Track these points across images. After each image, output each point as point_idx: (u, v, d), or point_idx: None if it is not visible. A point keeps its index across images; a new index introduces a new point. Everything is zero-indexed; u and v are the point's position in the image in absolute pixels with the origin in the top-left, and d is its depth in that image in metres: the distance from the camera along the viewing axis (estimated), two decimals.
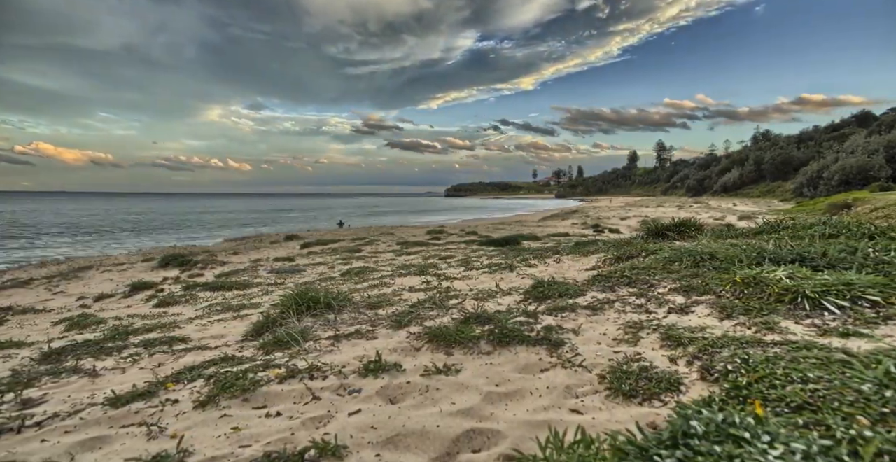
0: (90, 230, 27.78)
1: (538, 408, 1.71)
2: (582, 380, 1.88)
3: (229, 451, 1.64)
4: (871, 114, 58.25)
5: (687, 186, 72.57)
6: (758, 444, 0.93)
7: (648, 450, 0.97)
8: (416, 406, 1.87)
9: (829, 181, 32.54)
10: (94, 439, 1.83)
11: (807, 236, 3.24)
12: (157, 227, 30.39)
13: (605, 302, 2.71)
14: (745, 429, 0.98)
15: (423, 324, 2.98)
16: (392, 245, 13.51)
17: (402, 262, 8.83)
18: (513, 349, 2.30)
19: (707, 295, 2.49)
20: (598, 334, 2.30)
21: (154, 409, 2.08)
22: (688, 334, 2.03)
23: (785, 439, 0.95)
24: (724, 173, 61.88)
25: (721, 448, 0.93)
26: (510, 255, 7.38)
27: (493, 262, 6.53)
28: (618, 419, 1.52)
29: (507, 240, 11.47)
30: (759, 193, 49.87)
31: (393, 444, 1.58)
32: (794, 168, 47.92)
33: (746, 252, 2.75)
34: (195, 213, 51.19)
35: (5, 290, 9.78)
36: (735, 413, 1.05)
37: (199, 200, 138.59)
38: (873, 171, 30.58)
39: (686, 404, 1.28)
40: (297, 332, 3.06)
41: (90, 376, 2.75)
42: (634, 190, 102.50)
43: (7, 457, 1.72)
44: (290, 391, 2.13)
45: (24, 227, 30.14)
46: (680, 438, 0.97)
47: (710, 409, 1.14)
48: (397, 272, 6.62)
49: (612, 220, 23.41)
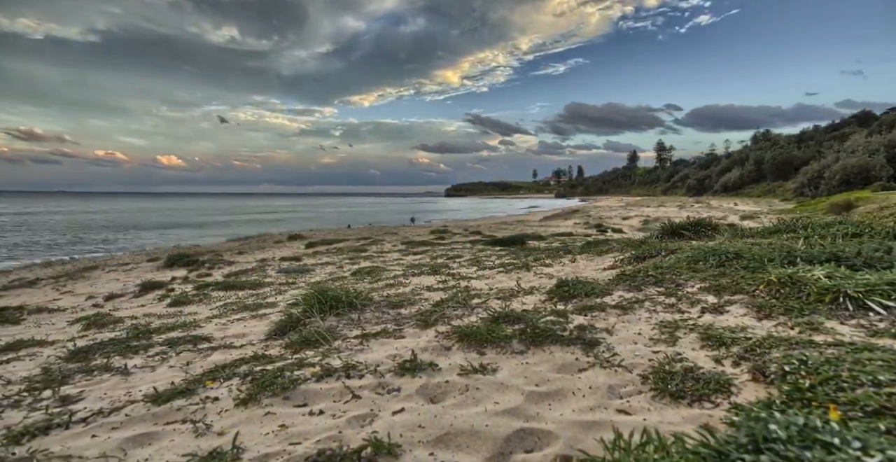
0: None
1: (584, 408, 1.72)
2: (624, 380, 1.88)
3: (280, 448, 1.66)
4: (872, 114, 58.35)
5: (687, 186, 72.64)
6: (849, 451, 0.90)
7: (729, 454, 0.95)
8: (458, 405, 1.88)
9: (830, 181, 32.58)
10: (142, 435, 1.85)
11: (828, 235, 3.25)
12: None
13: (634, 301, 2.72)
14: (831, 434, 0.95)
15: (450, 323, 3.00)
16: (397, 245, 13.51)
17: (409, 261, 8.84)
18: (547, 348, 2.32)
19: (739, 294, 2.49)
20: (632, 334, 2.31)
21: (195, 406, 2.10)
22: (728, 334, 2.03)
23: (879, 446, 0.92)
24: (724, 173, 61.94)
25: (811, 454, 0.90)
26: (521, 254, 7.40)
27: (505, 261, 6.55)
28: (669, 420, 1.52)
29: (512, 239, 11.46)
30: (760, 193, 49.93)
31: (444, 444, 1.59)
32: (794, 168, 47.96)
33: (774, 251, 2.77)
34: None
35: (13, 290, 9.79)
36: (816, 417, 1.03)
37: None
38: (874, 171, 30.62)
39: (744, 406, 1.29)
40: (324, 330, 3.07)
41: (122, 374, 2.77)
42: (635, 190, 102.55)
43: (63, 451, 1.74)
44: (328, 389, 2.15)
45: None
46: (762, 443, 0.95)
47: (771, 411, 1.13)
48: (409, 271, 6.64)
49: (613, 220, 23.42)
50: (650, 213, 29.34)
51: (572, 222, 23.00)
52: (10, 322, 5.15)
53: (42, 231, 26.58)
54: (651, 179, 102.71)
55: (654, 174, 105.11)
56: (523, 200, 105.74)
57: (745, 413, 1.13)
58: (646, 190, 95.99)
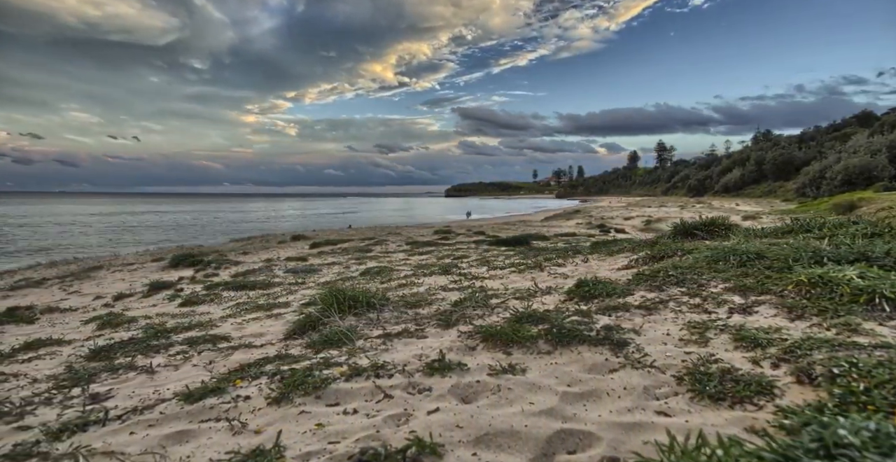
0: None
1: (621, 409, 1.72)
2: (658, 381, 1.88)
3: (320, 446, 1.67)
4: (873, 114, 58.36)
5: (688, 187, 72.63)
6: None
7: (798, 460, 0.93)
8: (492, 405, 1.88)
9: (832, 181, 32.59)
10: (179, 433, 1.87)
11: (846, 235, 3.26)
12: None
13: (658, 302, 2.73)
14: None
15: (472, 323, 3.01)
16: (402, 245, 13.52)
17: (416, 261, 8.85)
18: (574, 349, 2.32)
19: (766, 295, 2.50)
20: (660, 334, 2.31)
21: (227, 404, 2.12)
22: (763, 335, 2.03)
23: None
24: (725, 173, 61.92)
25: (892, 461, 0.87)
26: (530, 254, 7.41)
27: (514, 261, 6.56)
28: (712, 423, 1.51)
29: (517, 239, 11.47)
30: (761, 193, 49.92)
31: (484, 444, 1.59)
32: (795, 168, 47.98)
33: (799, 251, 2.77)
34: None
35: (20, 290, 9.80)
36: (891, 424, 0.99)
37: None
38: (876, 172, 30.64)
39: (794, 410, 1.27)
40: (345, 330, 3.09)
41: (147, 373, 2.78)
42: (635, 190, 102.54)
43: (104, 447, 1.76)
44: (359, 389, 2.16)
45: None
46: (833, 448, 0.93)
47: (822, 415, 1.10)
48: (419, 272, 6.65)
49: (615, 221, 23.45)
50: (652, 213, 29.36)
51: (574, 223, 23.03)
52: (25, 321, 5.16)
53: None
54: (651, 180, 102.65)
55: (655, 174, 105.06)
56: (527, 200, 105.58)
57: (796, 416, 1.12)
58: (646, 190, 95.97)
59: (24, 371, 3.07)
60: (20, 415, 2.19)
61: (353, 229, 24.63)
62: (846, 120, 61.60)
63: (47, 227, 29.32)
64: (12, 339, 4.22)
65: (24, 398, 2.42)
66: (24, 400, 2.39)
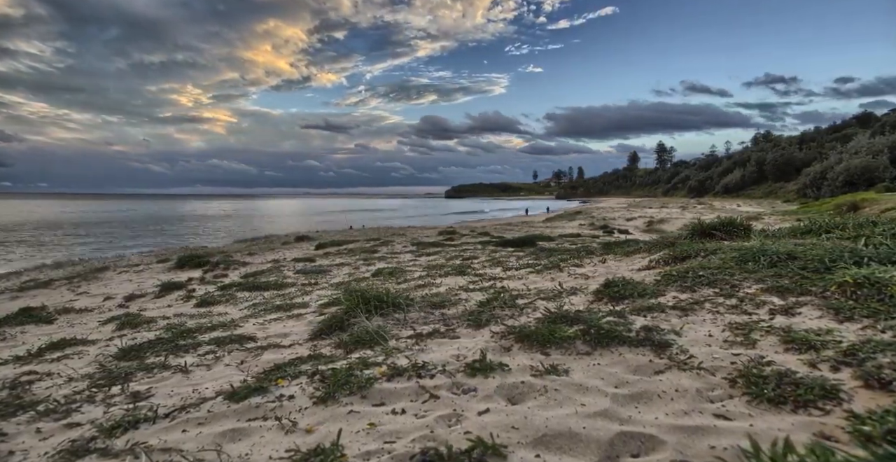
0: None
1: (677, 412, 1.70)
2: (709, 383, 1.86)
3: (378, 446, 1.68)
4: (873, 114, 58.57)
5: (689, 187, 72.77)
6: None
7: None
8: (542, 407, 1.87)
9: (834, 182, 32.68)
10: (231, 431, 1.87)
11: (875, 235, 3.27)
12: None
13: (692, 302, 2.72)
14: None
15: (503, 323, 3.02)
16: (407, 246, 13.51)
17: (425, 262, 8.84)
18: (614, 350, 2.32)
19: (806, 296, 2.49)
20: (702, 336, 2.30)
21: (273, 403, 2.12)
22: (814, 337, 2.00)
23: None
24: (725, 174, 62.07)
25: None
26: (541, 255, 7.42)
27: (528, 262, 6.57)
28: (777, 427, 1.49)
29: (522, 240, 11.46)
30: (762, 194, 50.04)
31: (544, 445, 1.58)
32: (795, 169, 48.11)
33: (835, 252, 2.78)
34: None
35: (29, 291, 9.80)
36: None
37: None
38: (878, 172, 30.73)
39: (869, 416, 1.24)
40: (375, 330, 3.09)
41: (182, 372, 2.78)
42: (635, 191, 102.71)
43: (161, 444, 1.76)
44: (402, 389, 2.16)
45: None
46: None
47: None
48: (432, 272, 6.65)
49: (618, 221, 23.49)
50: (653, 214, 29.42)
51: (577, 223, 23.04)
52: (44, 321, 5.16)
53: None
54: (652, 181, 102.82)
55: (655, 175, 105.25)
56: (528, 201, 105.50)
57: (878, 423, 1.08)
58: (646, 191, 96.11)
59: (56, 370, 3.07)
60: (66, 412, 2.20)
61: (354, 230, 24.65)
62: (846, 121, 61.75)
63: None
64: (35, 339, 4.22)
65: (66, 396, 2.43)
66: (66, 398, 2.40)
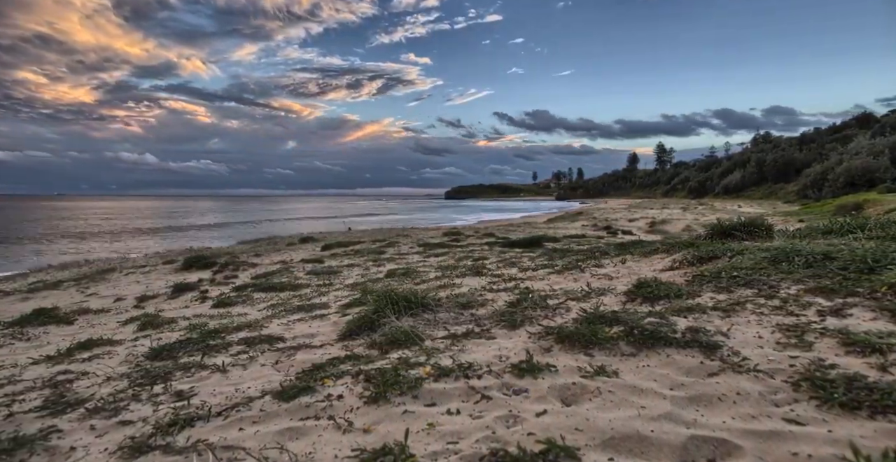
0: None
1: (744, 416, 1.68)
2: (770, 386, 1.84)
3: (442, 446, 1.67)
4: (872, 115, 58.72)
5: (688, 188, 72.90)
6: None
7: None
8: (600, 408, 1.86)
9: (835, 183, 32.76)
10: (288, 430, 1.87)
11: None
12: None
13: (733, 303, 2.71)
14: None
15: (538, 324, 3.02)
16: (414, 247, 13.51)
17: (435, 263, 8.84)
18: (660, 351, 2.31)
19: (853, 297, 2.48)
20: (751, 337, 2.28)
21: (322, 403, 2.12)
22: (877, 340, 1.97)
23: None
24: (725, 175, 62.18)
25: None
26: (554, 255, 7.42)
27: (542, 262, 6.57)
28: (861, 434, 1.46)
29: (529, 241, 11.45)
30: (762, 195, 50.16)
31: (613, 448, 1.57)
32: (796, 170, 48.24)
33: (878, 252, 2.78)
34: None
35: (38, 292, 9.78)
36: None
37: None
38: (879, 173, 30.82)
39: None
40: (410, 330, 3.09)
41: (220, 372, 2.78)
42: (635, 192, 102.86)
43: (221, 442, 1.76)
44: (452, 389, 2.16)
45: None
46: None
47: None
48: (446, 273, 6.65)
49: (620, 222, 23.50)
50: (655, 215, 29.44)
51: (580, 224, 23.05)
52: (64, 322, 5.16)
53: None
54: (652, 182, 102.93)
55: (655, 176, 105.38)
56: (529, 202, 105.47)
57: None
58: (646, 192, 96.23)
59: (91, 369, 3.07)
60: (115, 410, 2.20)
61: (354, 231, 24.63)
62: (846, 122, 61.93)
63: None
64: (59, 339, 4.22)
65: (111, 394, 2.43)
66: (112, 396, 2.40)
